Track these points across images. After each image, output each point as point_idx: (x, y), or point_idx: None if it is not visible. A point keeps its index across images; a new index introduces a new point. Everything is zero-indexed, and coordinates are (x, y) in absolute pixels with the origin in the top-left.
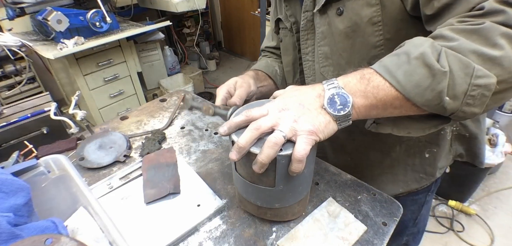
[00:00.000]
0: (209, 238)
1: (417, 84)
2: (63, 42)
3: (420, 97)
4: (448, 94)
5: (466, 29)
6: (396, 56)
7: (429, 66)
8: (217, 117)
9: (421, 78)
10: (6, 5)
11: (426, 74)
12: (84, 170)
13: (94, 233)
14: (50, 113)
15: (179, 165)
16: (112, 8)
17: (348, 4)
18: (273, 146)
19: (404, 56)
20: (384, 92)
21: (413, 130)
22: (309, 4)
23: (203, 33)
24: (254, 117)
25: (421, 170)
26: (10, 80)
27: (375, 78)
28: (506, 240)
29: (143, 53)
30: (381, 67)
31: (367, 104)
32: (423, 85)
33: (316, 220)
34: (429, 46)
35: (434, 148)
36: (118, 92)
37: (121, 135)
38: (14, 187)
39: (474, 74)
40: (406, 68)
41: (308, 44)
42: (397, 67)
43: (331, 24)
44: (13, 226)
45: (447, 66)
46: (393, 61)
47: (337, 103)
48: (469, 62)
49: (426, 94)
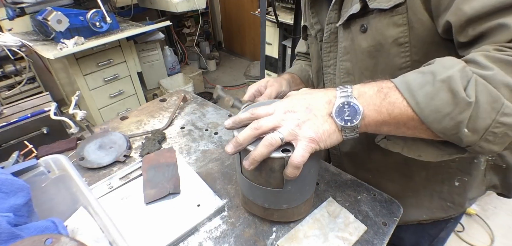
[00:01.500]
0: (209, 238)
1: (436, 110)
2: (63, 42)
3: (437, 124)
4: (467, 127)
5: (503, 59)
6: (421, 74)
7: (454, 92)
8: (216, 117)
9: (442, 104)
10: (6, 5)
11: (448, 101)
12: (84, 170)
13: (94, 233)
14: (50, 113)
15: (179, 165)
16: (112, 8)
17: (373, 22)
18: (267, 146)
19: (429, 76)
20: (399, 110)
21: (424, 154)
22: (334, 16)
23: (203, 33)
24: (259, 115)
25: (449, 198)
26: (10, 80)
27: (393, 94)
28: (506, 240)
29: (143, 53)
30: (403, 83)
31: (378, 120)
32: (443, 112)
33: (316, 220)
34: (459, 71)
35: (465, 177)
36: (118, 92)
37: (121, 135)
38: (14, 187)
39: (501, 110)
40: (428, 90)
41: (330, 56)
42: (420, 87)
43: (354, 41)
44: (13, 226)
45: (473, 97)
46: (417, 80)
47: (346, 113)
48: (499, 96)
49: (444, 122)
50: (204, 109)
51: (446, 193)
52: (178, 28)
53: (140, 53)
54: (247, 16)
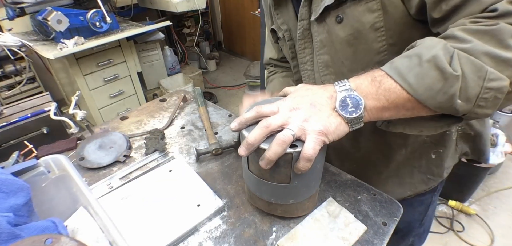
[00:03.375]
0: (209, 238)
1: (429, 87)
2: (63, 42)
3: (432, 100)
4: (460, 97)
5: (479, 30)
6: (407, 58)
7: (441, 69)
8: (216, 117)
9: (433, 81)
10: (6, 5)
11: (438, 78)
12: (84, 170)
13: (94, 233)
14: (50, 113)
15: (179, 165)
16: (112, 8)
17: (348, 11)
18: (281, 144)
19: (415, 59)
20: (395, 95)
21: (425, 128)
22: (305, 12)
23: (203, 33)
24: (264, 113)
25: (428, 171)
26: (10, 80)
27: (386, 81)
28: (506, 240)
29: (143, 53)
30: (392, 69)
31: (379, 107)
32: (435, 89)
33: (316, 220)
34: (442, 48)
35: (440, 148)
36: (118, 92)
37: (121, 135)
38: (14, 187)
39: (487, 77)
40: (417, 71)
41: (306, 53)
42: (409, 70)
43: (331, 32)
44: (13, 226)
45: (459, 70)
46: (404, 64)
47: (349, 105)
48: (482, 65)
49: (438, 98)
50: None
51: (425, 166)
52: (178, 28)
53: (140, 53)
54: (247, 16)
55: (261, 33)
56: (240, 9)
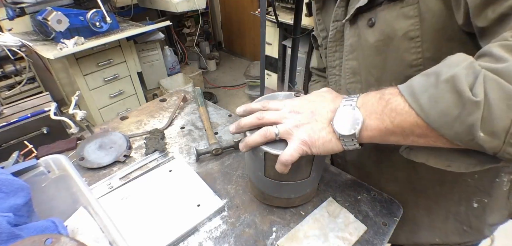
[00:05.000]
0: (209, 238)
1: (443, 113)
2: (63, 42)
3: (448, 129)
4: (482, 129)
5: None
6: (425, 76)
7: (459, 92)
8: (216, 117)
9: (448, 106)
10: (6, 5)
11: (454, 102)
12: (84, 170)
13: (94, 233)
14: (50, 113)
15: (179, 165)
16: (112, 8)
17: (381, 15)
18: (262, 136)
19: (433, 77)
20: (401, 117)
21: (454, 163)
22: (340, 13)
23: (203, 33)
24: (268, 108)
25: (466, 221)
26: (10, 80)
27: (395, 100)
28: (506, 240)
29: (143, 53)
30: (406, 87)
31: (381, 128)
32: (451, 115)
33: (316, 220)
34: (465, 67)
35: (485, 198)
36: (118, 92)
37: (121, 135)
38: (14, 187)
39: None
40: (432, 92)
41: (336, 56)
42: (423, 89)
43: (361, 36)
44: (13, 226)
45: (481, 95)
46: (420, 82)
47: (345, 122)
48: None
49: (455, 127)
50: None
51: (463, 214)
52: (178, 28)
53: (140, 53)
54: (247, 16)
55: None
56: (240, 9)
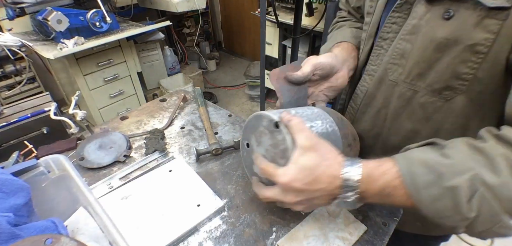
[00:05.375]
0: (209, 238)
1: (438, 211)
2: (63, 42)
3: (437, 219)
4: (464, 229)
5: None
6: (427, 170)
7: (457, 203)
8: (216, 117)
9: (445, 209)
10: (6, 5)
11: (451, 208)
12: (84, 170)
13: (94, 233)
14: (50, 113)
15: (179, 165)
16: (112, 8)
17: (462, 12)
18: (255, 186)
19: (436, 178)
20: (399, 201)
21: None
22: None
23: (203, 33)
24: (271, 175)
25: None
26: (10, 80)
27: (394, 185)
28: (506, 240)
29: (143, 53)
30: (408, 174)
31: (375, 200)
32: (444, 215)
33: (316, 220)
34: (468, 181)
35: None
36: (118, 92)
37: (121, 135)
38: (14, 187)
39: (498, 224)
40: (433, 192)
41: (392, 29)
42: (426, 186)
43: (430, 23)
44: (13, 226)
45: (475, 212)
46: (424, 177)
47: (344, 200)
48: (499, 213)
49: (443, 221)
50: None
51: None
52: (178, 28)
53: (140, 53)
54: (247, 16)
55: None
56: (240, 9)
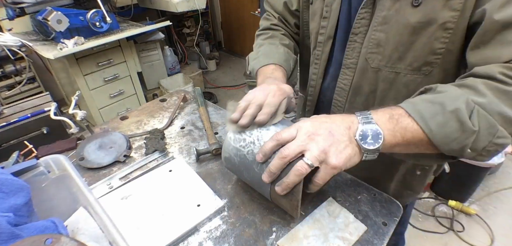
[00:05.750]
0: (209, 238)
1: (447, 135)
2: (63, 42)
3: (446, 146)
4: (471, 147)
5: (499, 88)
6: (430, 104)
7: (461, 122)
8: (216, 117)
9: (452, 131)
10: (6, 5)
11: (457, 129)
12: (84, 170)
13: (94, 233)
14: (50, 113)
15: (179, 165)
16: (112, 8)
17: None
18: (299, 175)
19: (438, 106)
20: (411, 134)
21: (424, 161)
22: None
23: (203, 33)
24: (284, 140)
25: (409, 186)
26: (10, 80)
27: (404, 120)
28: (506, 240)
29: (143, 53)
30: (415, 111)
31: (393, 143)
32: (452, 137)
33: (316, 220)
34: (464, 102)
35: (426, 165)
36: (118, 92)
37: (121, 135)
38: (14, 187)
39: (496, 134)
40: (440, 120)
41: (362, 24)
42: (431, 116)
43: (400, 12)
44: (13, 226)
45: (477, 125)
46: (427, 108)
47: (369, 137)
48: (495, 123)
49: (452, 145)
50: None
51: (408, 181)
52: (178, 28)
53: (140, 53)
54: (247, 16)
55: None
56: (240, 9)
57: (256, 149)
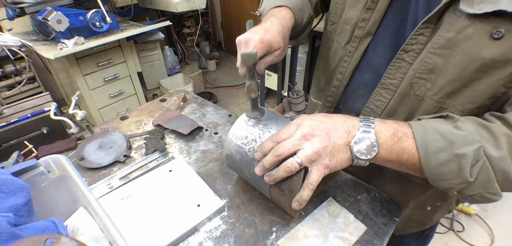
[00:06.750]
0: (209, 238)
1: (441, 174)
2: (63, 42)
3: (436, 181)
4: (459, 191)
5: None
6: (441, 138)
7: (461, 169)
8: (216, 117)
9: (448, 172)
10: (6, 5)
11: (454, 172)
12: (84, 170)
13: (94, 233)
14: (50, 113)
15: (179, 165)
16: (112, 8)
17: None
18: (288, 171)
19: (447, 144)
20: (407, 156)
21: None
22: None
23: (203, 33)
24: (281, 139)
25: (417, 220)
26: (10, 80)
27: (406, 141)
28: (506, 240)
29: (143, 53)
30: (422, 139)
31: (386, 158)
32: (445, 177)
33: (316, 220)
34: (475, 150)
35: (438, 202)
36: (118, 92)
37: (121, 135)
38: (14, 187)
39: (489, 190)
40: (441, 158)
41: (418, 41)
42: (436, 151)
43: (472, 40)
44: (13, 226)
45: (474, 177)
46: (435, 142)
47: (363, 147)
48: (493, 180)
49: (442, 183)
50: (204, 110)
51: (416, 215)
52: (178, 28)
53: (140, 53)
54: (247, 16)
55: None
56: (240, 9)
57: (257, 146)
